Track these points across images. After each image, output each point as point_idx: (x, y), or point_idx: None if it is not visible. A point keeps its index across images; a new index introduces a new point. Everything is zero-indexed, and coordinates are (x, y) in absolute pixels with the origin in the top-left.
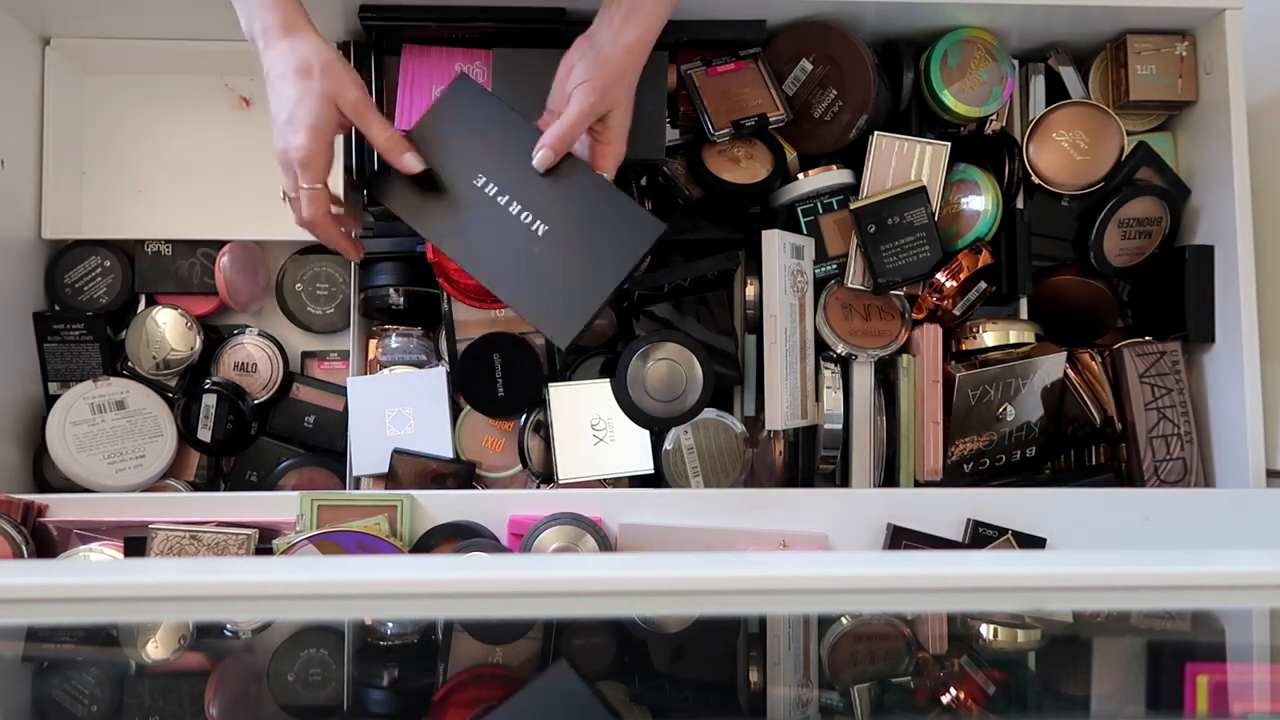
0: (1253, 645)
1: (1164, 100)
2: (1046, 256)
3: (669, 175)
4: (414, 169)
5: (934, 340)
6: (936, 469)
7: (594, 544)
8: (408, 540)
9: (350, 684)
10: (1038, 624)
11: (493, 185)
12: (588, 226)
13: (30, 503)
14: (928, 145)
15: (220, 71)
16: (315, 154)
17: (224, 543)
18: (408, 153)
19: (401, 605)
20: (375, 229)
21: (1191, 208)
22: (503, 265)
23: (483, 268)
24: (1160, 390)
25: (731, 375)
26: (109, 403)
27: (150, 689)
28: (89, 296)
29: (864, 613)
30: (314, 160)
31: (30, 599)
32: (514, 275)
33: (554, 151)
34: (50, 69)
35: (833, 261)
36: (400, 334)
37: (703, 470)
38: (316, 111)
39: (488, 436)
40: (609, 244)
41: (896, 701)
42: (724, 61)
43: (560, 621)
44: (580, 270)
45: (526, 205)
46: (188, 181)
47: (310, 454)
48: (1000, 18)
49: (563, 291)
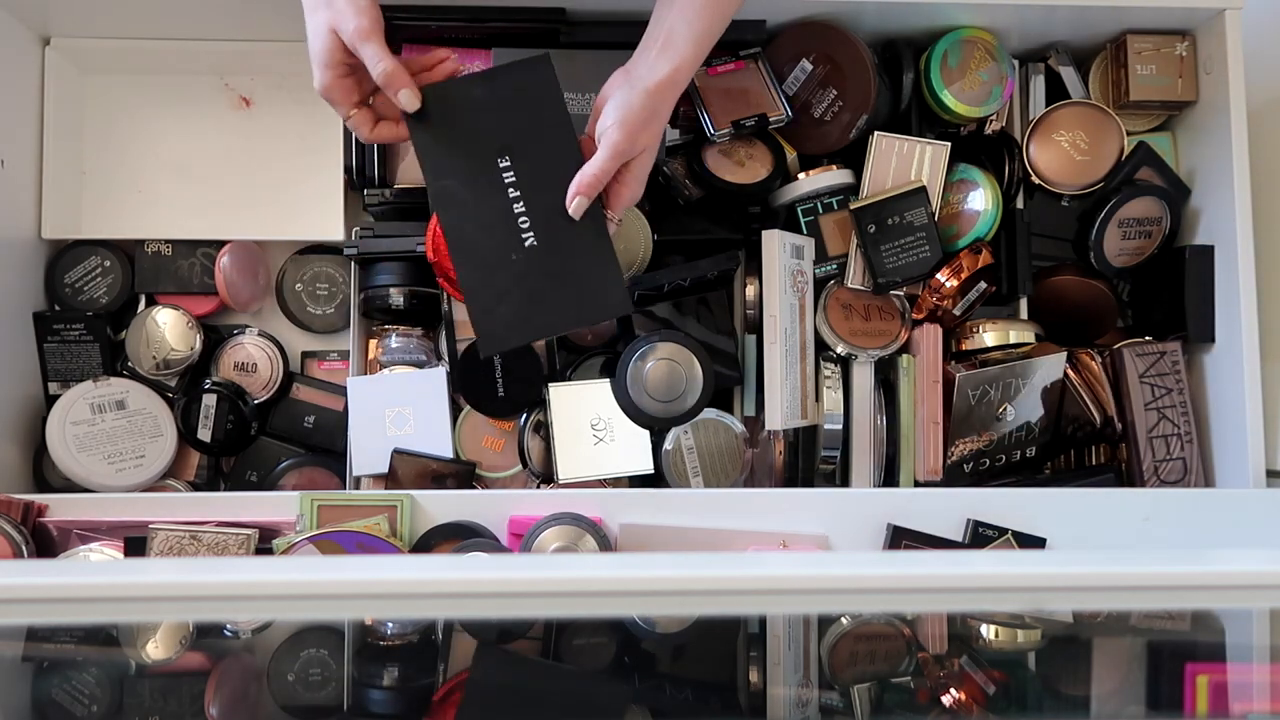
0: (1253, 645)
1: (1164, 100)
2: (1046, 256)
3: (669, 175)
4: (411, 107)
5: (934, 340)
6: (936, 469)
7: (594, 544)
8: (408, 540)
9: (350, 684)
10: (1038, 624)
11: (512, 174)
12: (569, 267)
13: (30, 503)
14: (928, 145)
15: (220, 71)
16: (329, 87)
17: (224, 543)
18: (405, 89)
19: (401, 605)
20: (375, 229)
21: (1191, 208)
22: (480, 253)
23: (462, 245)
24: (1160, 390)
25: (731, 375)
26: (109, 403)
27: (150, 689)
28: (89, 296)
29: (864, 613)
30: (331, 93)
31: (30, 599)
32: (483, 268)
33: (588, 199)
34: (50, 69)
35: (833, 261)
36: (400, 334)
37: (703, 470)
38: (319, 44)
39: (488, 436)
40: (577, 294)
41: (896, 701)
42: (724, 61)
43: (560, 621)
44: (540, 299)
45: (530, 210)
46: (188, 181)
47: (310, 454)
48: (1000, 18)
49: (515, 308)
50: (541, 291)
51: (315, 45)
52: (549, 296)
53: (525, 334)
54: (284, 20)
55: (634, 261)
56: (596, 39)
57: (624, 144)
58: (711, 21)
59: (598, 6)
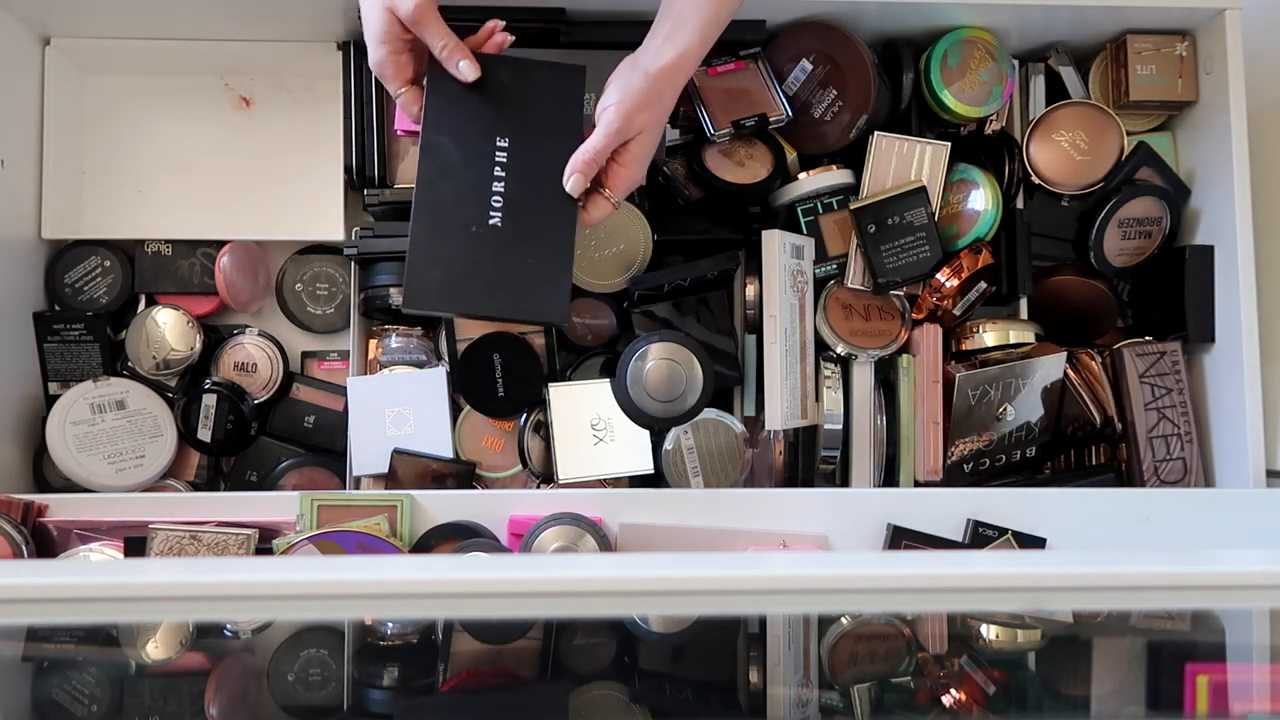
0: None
1: (1164, 100)
2: (1046, 256)
3: (669, 175)
4: (469, 77)
5: (934, 340)
6: (936, 469)
7: (594, 544)
8: (408, 540)
9: (350, 684)
10: (1038, 624)
11: (505, 156)
12: (522, 260)
13: (30, 503)
14: (928, 145)
15: (220, 71)
16: (382, 64)
17: (224, 543)
18: (464, 60)
19: (401, 605)
20: (375, 229)
21: (1191, 208)
22: (441, 213)
23: (427, 199)
24: (1160, 390)
25: (731, 375)
26: (109, 403)
27: (150, 689)
28: (89, 296)
29: (864, 613)
30: (384, 70)
31: (30, 599)
32: (439, 227)
33: (584, 176)
34: (50, 69)
35: (833, 261)
36: (400, 334)
37: (703, 470)
38: (374, 22)
39: (488, 436)
40: (518, 288)
41: (896, 701)
42: (724, 61)
43: (560, 621)
44: (480, 278)
45: (507, 195)
46: (188, 181)
47: (310, 454)
48: (1000, 18)
49: (453, 277)
50: (486, 272)
51: (371, 23)
52: (490, 279)
53: (453, 305)
54: (284, 20)
55: (634, 261)
56: (596, 39)
57: (620, 123)
58: (719, 10)
59: (598, 6)
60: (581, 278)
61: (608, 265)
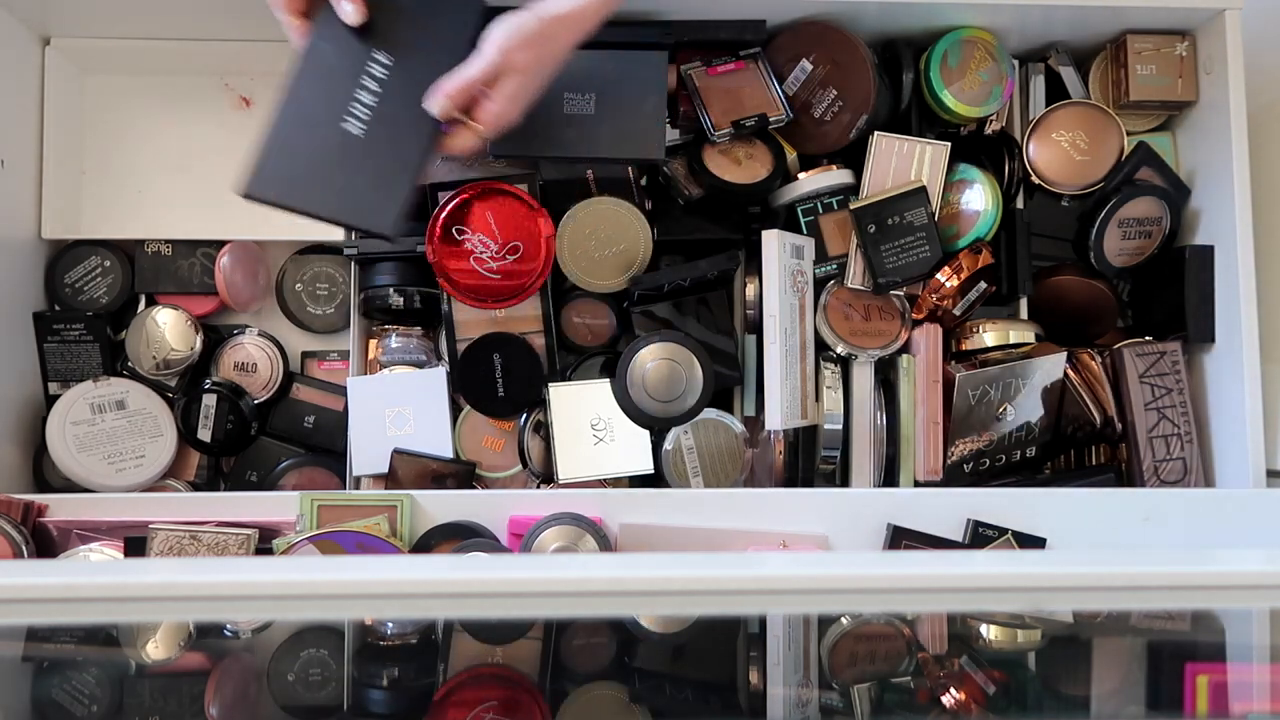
0: (1253, 645)
1: (1164, 100)
2: (1046, 256)
3: (669, 175)
4: (353, 20)
5: (934, 340)
6: (936, 469)
7: (594, 544)
8: (408, 540)
9: (350, 684)
10: (1038, 624)
11: (380, 70)
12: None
13: (30, 503)
14: (928, 145)
15: (220, 71)
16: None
17: (224, 543)
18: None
19: (401, 605)
20: None
21: (1191, 208)
22: (303, 107)
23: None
24: (1160, 390)
25: (731, 375)
26: (109, 403)
27: (150, 689)
28: (89, 296)
29: (864, 613)
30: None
31: (30, 599)
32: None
33: (450, 101)
34: (50, 69)
35: (833, 261)
36: (400, 334)
37: (703, 470)
38: None
39: (488, 436)
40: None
41: (896, 701)
42: (724, 61)
43: (560, 621)
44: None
45: (377, 106)
46: (188, 181)
47: (310, 454)
48: (1000, 18)
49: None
50: (331, 175)
51: None
52: (329, 179)
53: (289, 198)
54: None
55: (634, 261)
56: (595, 39)
57: (495, 55)
58: None
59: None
60: (581, 278)
61: (608, 265)
